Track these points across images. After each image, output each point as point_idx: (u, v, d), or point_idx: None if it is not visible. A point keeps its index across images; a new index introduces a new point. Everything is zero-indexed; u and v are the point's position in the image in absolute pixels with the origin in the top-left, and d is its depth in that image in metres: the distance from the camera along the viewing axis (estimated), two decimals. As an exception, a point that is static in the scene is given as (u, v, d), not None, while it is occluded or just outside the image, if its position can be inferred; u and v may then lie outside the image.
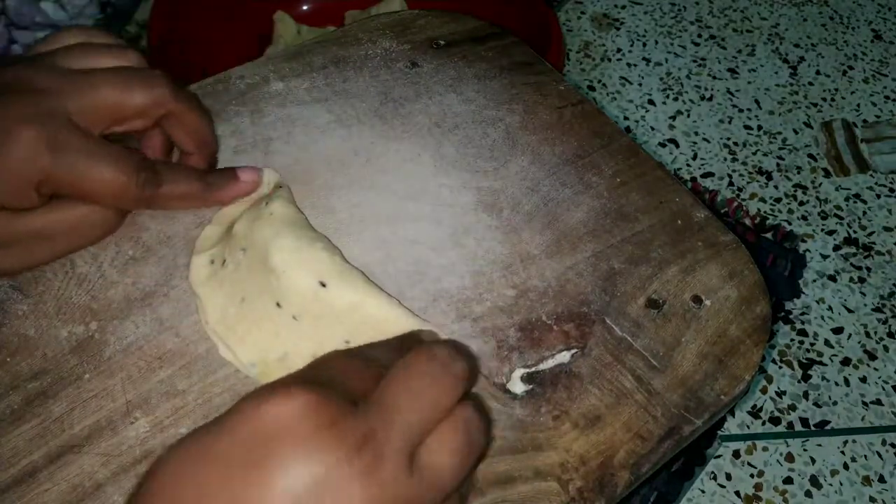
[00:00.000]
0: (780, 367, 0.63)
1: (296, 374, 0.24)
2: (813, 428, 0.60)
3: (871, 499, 0.56)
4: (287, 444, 0.20)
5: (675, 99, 0.84)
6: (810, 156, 0.79)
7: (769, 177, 0.77)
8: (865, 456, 0.58)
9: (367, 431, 0.21)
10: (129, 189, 0.32)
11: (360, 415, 0.21)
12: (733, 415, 0.60)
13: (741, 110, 0.84)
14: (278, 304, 0.31)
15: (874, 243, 0.72)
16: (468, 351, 0.26)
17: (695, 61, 0.89)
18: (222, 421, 0.21)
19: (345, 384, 0.23)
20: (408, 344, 0.29)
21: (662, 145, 0.80)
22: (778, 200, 0.75)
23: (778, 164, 0.78)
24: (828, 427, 0.60)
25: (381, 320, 0.31)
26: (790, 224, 0.73)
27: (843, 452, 0.58)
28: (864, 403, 0.61)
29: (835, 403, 0.61)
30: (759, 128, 0.82)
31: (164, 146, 0.36)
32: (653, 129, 0.81)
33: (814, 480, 0.57)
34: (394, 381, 0.23)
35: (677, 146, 0.80)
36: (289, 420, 0.20)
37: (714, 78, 0.87)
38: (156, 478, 0.21)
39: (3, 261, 0.32)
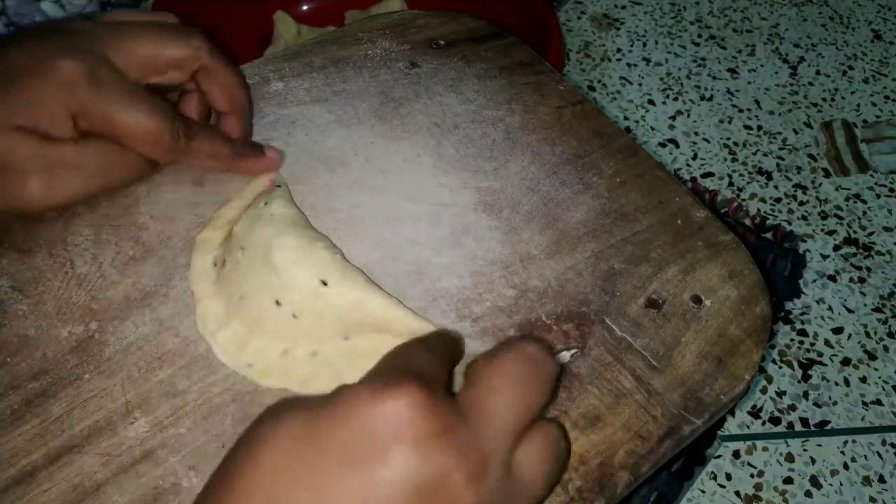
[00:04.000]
0: (780, 367, 0.63)
1: (396, 364, 0.24)
2: (813, 428, 0.60)
3: (871, 499, 0.56)
4: (403, 445, 0.20)
5: (675, 99, 0.84)
6: (810, 156, 0.79)
7: (769, 177, 0.77)
8: (865, 456, 0.58)
9: (472, 436, 0.21)
10: (163, 136, 0.32)
11: (464, 418, 0.21)
12: (733, 415, 0.60)
13: (741, 110, 0.84)
14: (278, 303, 0.31)
15: (874, 243, 0.72)
16: (550, 349, 0.26)
17: (695, 61, 0.89)
18: (333, 408, 0.21)
19: (433, 376, 0.23)
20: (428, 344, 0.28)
21: (662, 145, 0.80)
22: (778, 200, 0.75)
23: (778, 164, 0.78)
24: (828, 427, 0.60)
25: (382, 319, 0.31)
26: (790, 224, 0.73)
27: (843, 452, 0.58)
28: (864, 403, 0.61)
29: (835, 403, 0.61)
30: (759, 128, 0.82)
31: (200, 109, 0.36)
32: (653, 129, 0.81)
33: (814, 480, 0.57)
34: (488, 382, 0.23)
35: (677, 146, 0.80)
36: (404, 421, 0.20)
37: (714, 78, 0.87)
38: (257, 444, 0.21)
39: (33, 189, 0.32)
